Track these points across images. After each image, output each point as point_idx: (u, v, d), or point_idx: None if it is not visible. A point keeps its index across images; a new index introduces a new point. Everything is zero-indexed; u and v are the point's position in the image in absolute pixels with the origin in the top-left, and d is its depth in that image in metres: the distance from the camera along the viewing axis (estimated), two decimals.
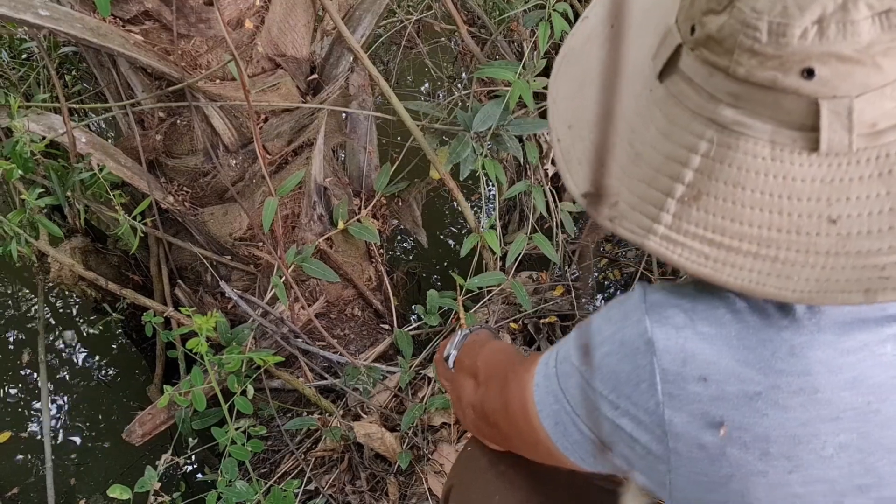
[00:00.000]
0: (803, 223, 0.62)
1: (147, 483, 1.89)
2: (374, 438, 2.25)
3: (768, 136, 0.61)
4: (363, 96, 2.69)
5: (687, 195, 0.65)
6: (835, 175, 0.61)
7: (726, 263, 0.64)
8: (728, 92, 0.62)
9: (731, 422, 0.67)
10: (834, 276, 0.62)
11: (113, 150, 2.45)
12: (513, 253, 2.39)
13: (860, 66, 0.58)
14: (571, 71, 0.80)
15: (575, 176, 0.73)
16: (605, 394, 0.74)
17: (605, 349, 0.74)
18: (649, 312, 0.71)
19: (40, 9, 2.08)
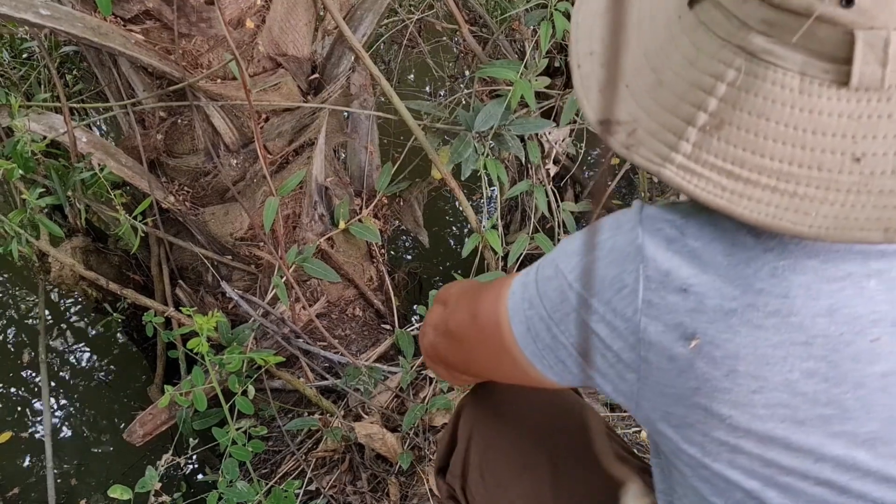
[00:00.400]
0: (826, 159, 0.61)
1: (148, 483, 1.89)
2: (375, 439, 2.24)
3: (798, 66, 0.60)
4: (364, 96, 2.69)
5: (709, 124, 0.63)
6: (863, 111, 0.59)
7: (743, 196, 0.63)
8: (761, 19, 0.60)
9: (704, 335, 0.67)
10: (853, 213, 0.60)
11: (114, 150, 2.45)
12: (514, 253, 2.38)
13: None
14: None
15: (593, 103, 0.72)
16: (586, 297, 0.73)
17: (598, 254, 0.74)
18: (643, 223, 0.71)
19: (41, 8, 2.08)
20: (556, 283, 0.77)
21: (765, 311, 0.65)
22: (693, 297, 0.67)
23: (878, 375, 0.65)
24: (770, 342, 0.65)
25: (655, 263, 0.69)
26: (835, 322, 0.64)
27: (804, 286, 0.65)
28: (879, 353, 0.64)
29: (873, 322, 0.64)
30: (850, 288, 0.64)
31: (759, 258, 0.66)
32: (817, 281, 0.65)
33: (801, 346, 0.65)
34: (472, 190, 3.43)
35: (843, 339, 0.64)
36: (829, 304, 0.64)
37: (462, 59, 3.41)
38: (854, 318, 0.64)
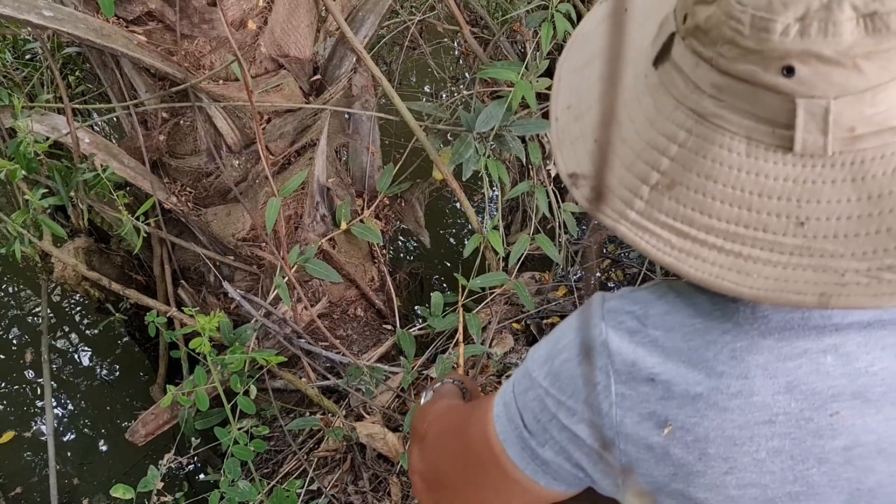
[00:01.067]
0: (771, 222, 0.62)
1: (150, 483, 1.90)
2: (376, 439, 2.25)
3: (745, 131, 0.61)
4: (366, 97, 2.70)
5: (661, 183, 0.65)
6: (807, 176, 0.61)
7: (690, 254, 0.64)
8: (711, 83, 0.62)
9: (675, 421, 0.68)
10: (793, 276, 0.62)
11: (116, 151, 2.46)
12: (515, 253, 2.39)
13: (840, 68, 0.57)
14: (580, 50, 0.81)
15: (566, 156, 0.73)
16: (563, 400, 0.74)
17: (565, 355, 0.75)
18: (605, 318, 0.73)
19: (44, 9, 2.08)
20: (533, 394, 0.77)
21: (728, 392, 0.66)
22: (661, 386, 0.68)
23: (840, 450, 0.66)
24: (736, 423, 0.66)
25: (622, 356, 0.70)
26: (795, 399, 0.65)
27: (762, 366, 0.66)
28: (839, 427, 0.65)
29: (832, 397, 0.65)
30: (807, 364, 0.66)
31: (718, 341, 0.67)
32: (774, 360, 0.66)
33: (765, 424, 0.66)
34: (474, 191, 3.44)
35: (804, 415, 0.65)
36: (788, 381, 0.66)
37: (463, 61, 3.41)
38: (813, 394, 0.65)
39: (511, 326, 2.63)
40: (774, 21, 0.57)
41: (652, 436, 0.69)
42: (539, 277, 2.87)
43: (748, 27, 0.58)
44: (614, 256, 3.24)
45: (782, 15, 0.57)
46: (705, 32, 0.61)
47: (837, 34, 0.56)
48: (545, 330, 2.65)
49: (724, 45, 0.60)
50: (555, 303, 2.71)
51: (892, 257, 0.60)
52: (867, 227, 0.60)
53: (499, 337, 2.57)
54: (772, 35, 0.57)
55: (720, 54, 0.60)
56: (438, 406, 1.07)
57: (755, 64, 0.59)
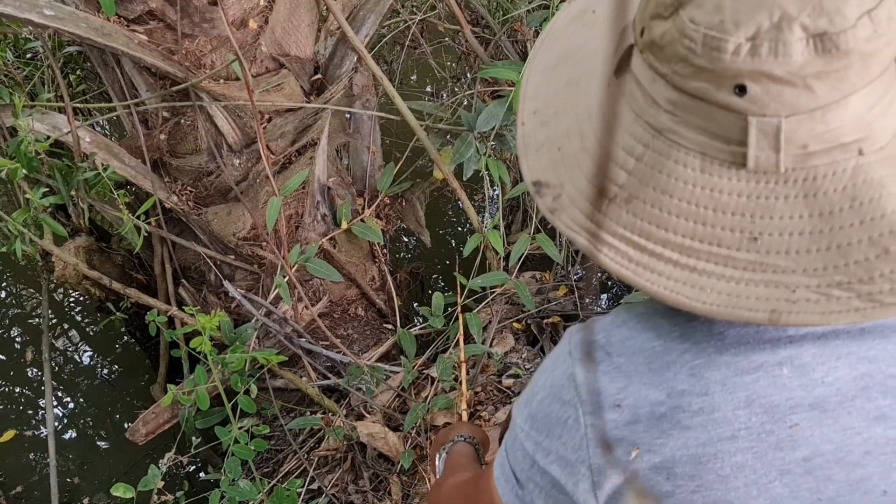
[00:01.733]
0: (725, 236, 0.63)
1: (150, 482, 1.90)
2: (376, 438, 2.25)
3: (699, 147, 0.62)
4: (367, 96, 2.70)
5: (619, 196, 0.65)
6: (761, 192, 0.61)
7: (647, 268, 0.65)
8: (667, 99, 0.62)
9: (642, 444, 0.68)
10: (745, 292, 0.62)
11: (117, 150, 2.46)
12: (516, 253, 2.39)
13: (791, 87, 0.57)
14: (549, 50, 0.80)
15: (530, 163, 0.73)
16: (540, 440, 0.75)
17: (540, 396, 0.76)
18: (572, 353, 0.73)
19: (45, 8, 2.08)
20: (517, 445, 0.78)
21: (690, 410, 0.67)
22: (627, 410, 0.69)
23: (800, 461, 0.66)
24: (699, 441, 0.67)
25: (587, 388, 0.71)
26: (754, 413, 0.66)
27: (720, 382, 0.66)
28: (798, 438, 0.66)
29: (790, 409, 0.66)
30: (764, 378, 0.66)
31: (677, 361, 0.68)
32: (732, 375, 0.66)
33: (728, 440, 0.66)
34: (474, 190, 3.44)
35: (765, 428, 0.66)
36: (747, 395, 0.66)
37: (464, 60, 3.41)
38: (772, 406, 0.66)
39: (512, 326, 2.63)
40: (726, 41, 0.57)
41: (622, 461, 0.69)
42: (540, 277, 2.87)
43: (700, 45, 0.58)
44: None
45: (734, 35, 0.57)
46: (660, 48, 0.61)
47: (787, 54, 0.57)
48: (546, 329, 2.65)
49: (677, 62, 0.60)
50: (555, 302, 2.71)
51: (841, 274, 0.61)
52: (818, 244, 0.61)
53: (499, 336, 2.57)
54: (723, 54, 0.58)
55: (674, 71, 0.61)
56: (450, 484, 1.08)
57: (708, 82, 0.59)
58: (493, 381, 2.39)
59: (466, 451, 1.27)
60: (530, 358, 2.49)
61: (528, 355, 2.51)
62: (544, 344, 2.61)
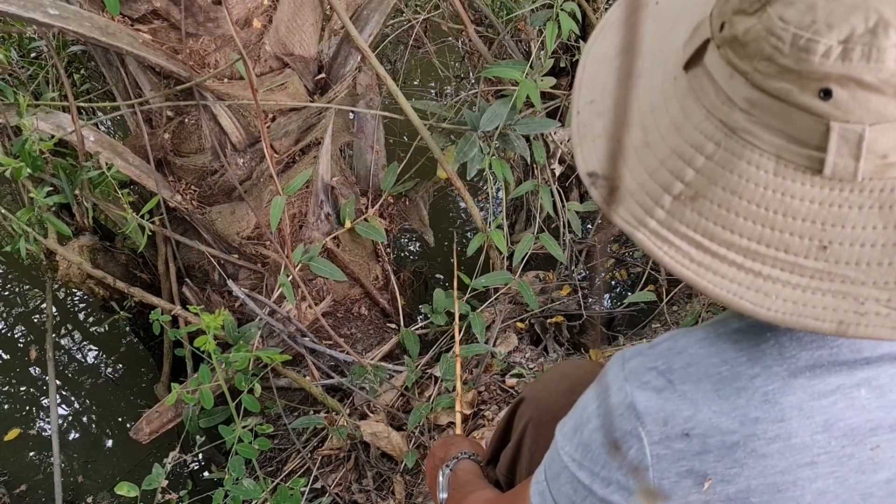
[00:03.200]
0: (794, 243, 0.61)
1: (154, 481, 1.90)
2: (380, 437, 2.25)
3: (775, 149, 0.60)
4: (370, 95, 2.70)
5: (684, 194, 0.64)
6: (835, 200, 0.60)
7: (709, 269, 0.63)
8: (744, 97, 0.60)
9: (714, 474, 0.66)
10: (812, 301, 0.61)
11: (121, 149, 2.46)
12: (519, 252, 2.39)
13: (880, 95, 0.56)
14: (608, 38, 0.78)
15: (586, 153, 0.71)
16: (597, 471, 0.72)
17: (592, 425, 0.73)
18: (628, 380, 0.71)
19: (49, 7, 2.09)
20: (565, 477, 0.76)
21: (765, 438, 0.65)
22: (696, 440, 0.67)
23: (882, 482, 0.65)
24: (777, 468, 0.65)
25: (651, 417, 0.68)
26: (833, 437, 0.64)
27: (797, 406, 0.65)
28: (880, 461, 0.65)
29: (871, 431, 0.64)
30: (842, 401, 0.65)
31: (748, 387, 0.66)
32: (808, 399, 0.65)
33: (807, 466, 0.65)
34: (478, 190, 3.44)
35: (845, 452, 0.64)
36: (825, 419, 0.64)
37: (468, 59, 3.41)
38: (851, 429, 0.64)
39: (515, 326, 2.63)
40: (817, 42, 0.56)
41: (692, 494, 0.67)
42: (543, 277, 2.87)
43: (788, 45, 0.57)
44: (619, 256, 3.24)
45: (825, 36, 0.56)
46: (743, 45, 0.60)
47: (881, 60, 0.55)
48: (549, 329, 2.65)
49: (761, 60, 0.59)
50: (559, 302, 2.71)
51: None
52: (891, 257, 0.59)
53: (503, 336, 2.57)
54: (812, 56, 0.56)
55: (756, 69, 0.59)
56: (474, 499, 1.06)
57: (792, 83, 0.58)
58: (497, 380, 2.39)
59: (472, 469, 1.25)
60: (533, 357, 2.49)
61: (532, 355, 2.51)
62: (548, 344, 2.61)
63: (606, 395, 0.72)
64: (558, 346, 2.60)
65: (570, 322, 2.70)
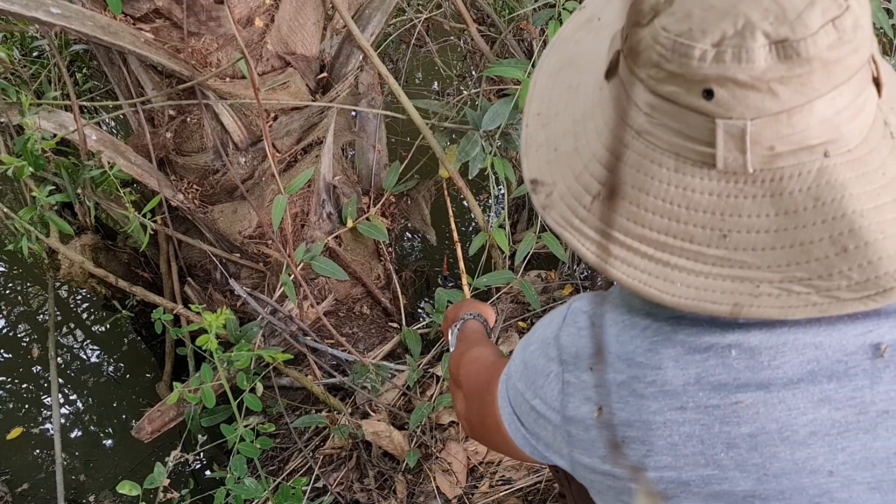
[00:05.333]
0: (697, 233, 0.66)
1: (156, 480, 1.90)
2: (382, 436, 2.25)
3: (674, 148, 0.65)
4: (372, 95, 2.70)
5: (602, 194, 0.70)
6: (730, 191, 0.65)
7: (624, 262, 0.70)
8: (646, 102, 0.65)
9: (605, 406, 0.75)
10: (712, 286, 0.67)
11: (123, 148, 2.46)
12: (521, 252, 2.39)
13: (755, 92, 0.60)
14: (556, 54, 0.85)
15: (530, 161, 0.78)
16: (528, 384, 0.83)
17: (532, 347, 0.85)
18: (565, 318, 0.81)
19: (51, 6, 2.09)
20: (512, 382, 0.87)
21: (644, 381, 0.73)
22: (596, 374, 0.76)
23: (746, 436, 0.70)
24: (651, 409, 0.72)
25: (567, 350, 0.79)
26: (702, 388, 0.71)
27: (673, 358, 0.72)
28: (743, 415, 0.70)
29: (737, 388, 0.70)
30: (713, 358, 0.71)
31: (639, 336, 0.74)
32: (684, 353, 0.72)
33: (677, 411, 0.71)
34: (480, 188, 3.44)
35: (711, 402, 0.71)
36: (697, 372, 0.71)
37: (470, 59, 3.41)
38: (720, 384, 0.70)
39: (517, 325, 2.63)
40: (693, 47, 0.61)
41: (588, 418, 0.76)
42: (545, 276, 2.87)
43: (670, 52, 0.62)
44: None
45: (700, 41, 0.60)
46: (638, 54, 0.65)
47: (751, 60, 0.59)
48: None
49: (651, 67, 0.64)
50: (560, 301, 2.71)
51: (802, 270, 0.65)
52: (782, 241, 0.65)
53: (504, 336, 2.57)
54: (691, 60, 0.61)
55: (649, 76, 0.64)
56: (471, 356, 1.19)
57: (678, 86, 0.62)
58: None
59: (477, 328, 1.39)
60: None
61: None
62: None
63: (548, 326, 0.83)
64: None
65: None
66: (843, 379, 0.69)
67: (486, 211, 3.38)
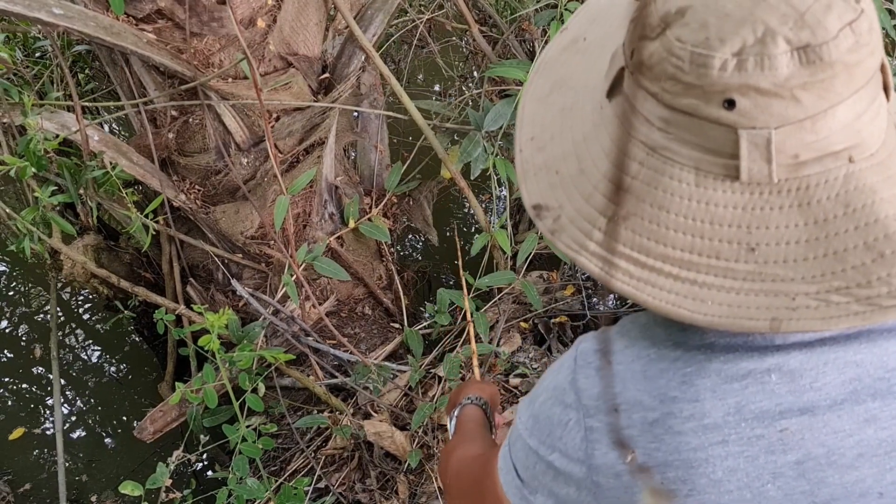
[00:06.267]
0: (723, 249, 0.64)
1: (158, 480, 1.90)
2: (384, 437, 2.25)
3: (693, 162, 0.63)
4: (374, 95, 2.70)
5: (617, 214, 0.67)
6: (756, 203, 0.63)
7: (648, 283, 0.66)
8: (659, 116, 0.63)
9: (637, 447, 0.70)
10: (746, 302, 0.64)
11: (125, 149, 2.46)
12: (523, 252, 2.39)
13: (778, 99, 0.59)
14: (543, 77, 0.83)
15: (529, 187, 0.75)
16: (543, 438, 0.77)
17: (543, 398, 0.79)
18: (577, 359, 0.76)
19: (54, 7, 2.09)
20: (520, 444, 0.81)
21: (681, 416, 0.69)
22: (623, 415, 0.71)
23: (792, 464, 0.67)
24: (690, 446, 0.68)
25: (587, 393, 0.73)
26: (744, 419, 0.67)
27: (710, 388, 0.68)
28: (789, 442, 0.67)
29: (780, 414, 0.67)
30: (753, 385, 0.67)
31: (670, 369, 0.70)
32: (721, 382, 0.68)
33: (719, 445, 0.68)
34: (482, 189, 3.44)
35: (755, 433, 0.67)
36: (736, 402, 0.67)
37: (472, 59, 3.41)
38: (761, 412, 0.67)
39: (519, 325, 2.63)
40: (712, 57, 0.59)
41: (619, 465, 0.71)
42: (547, 276, 2.87)
43: (688, 63, 0.60)
44: None
45: (719, 51, 0.59)
46: (649, 68, 0.63)
47: (773, 67, 0.58)
48: (553, 329, 2.65)
49: (666, 80, 0.62)
50: (562, 302, 2.71)
51: (839, 279, 0.62)
52: (815, 251, 0.63)
53: (506, 336, 2.57)
54: (710, 70, 0.59)
55: (664, 89, 0.62)
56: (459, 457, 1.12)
57: (697, 98, 0.60)
58: (501, 380, 2.39)
59: (475, 416, 1.32)
60: (537, 357, 2.49)
61: (536, 355, 2.51)
62: (551, 343, 2.61)
63: (559, 371, 0.78)
64: (562, 346, 2.60)
65: (573, 322, 2.70)
66: (888, 397, 0.67)
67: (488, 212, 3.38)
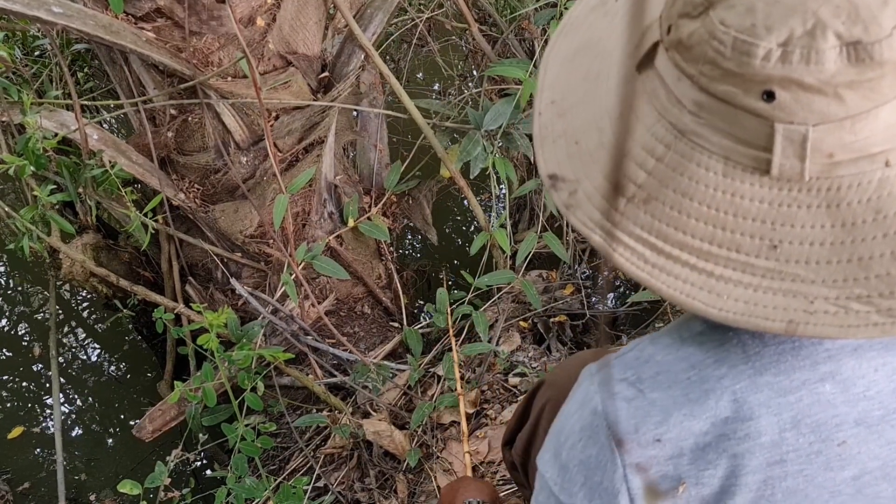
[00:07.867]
0: (745, 243, 0.61)
1: (157, 479, 1.90)
2: (383, 436, 2.25)
3: (723, 151, 0.60)
4: (374, 94, 2.70)
5: (637, 196, 0.64)
6: (783, 199, 0.60)
7: (663, 270, 0.63)
8: (692, 100, 0.61)
9: (688, 477, 0.67)
10: (763, 300, 0.61)
11: (125, 147, 2.46)
12: (523, 251, 2.39)
13: (821, 96, 0.56)
14: (568, 38, 0.78)
15: (546, 154, 0.71)
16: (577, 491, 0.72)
17: (570, 443, 0.73)
18: (600, 392, 0.71)
19: (53, 5, 2.09)
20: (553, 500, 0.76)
21: (736, 437, 0.65)
22: (669, 444, 0.67)
23: (849, 480, 0.65)
24: (748, 468, 0.65)
25: (622, 426, 0.69)
26: (801, 433, 0.64)
27: (764, 404, 0.65)
28: (847, 457, 0.65)
29: (836, 426, 0.64)
30: (808, 396, 0.65)
31: (717, 388, 0.66)
32: (775, 396, 0.65)
33: (777, 465, 0.65)
34: (481, 188, 3.43)
35: (813, 448, 0.65)
36: (792, 416, 0.65)
37: (471, 58, 3.41)
38: (818, 425, 0.64)
39: (518, 325, 2.62)
40: (756, 45, 0.56)
41: (667, 499, 0.68)
42: (546, 276, 2.87)
43: (730, 49, 0.57)
44: None
45: (765, 39, 0.56)
46: (688, 48, 0.60)
47: (820, 62, 0.55)
48: (552, 328, 2.65)
49: (705, 63, 0.59)
50: (562, 301, 2.71)
51: (861, 287, 0.59)
52: (839, 255, 0.60)
53: (506, 335, 2.57)
54: (753, 59, 0.56)
55: (701, 72, 0.59)
56: None
57: (736, 86, 0.58)
58: (500, 379, 2.39)
59: None
60: (536, 357, 2.49)
61: (535, 354, 2.50)
62: (550, 343, 2.60)
63: (581, 411, 0.72)
64: (561, 345, 2.60)
65: (573, 321, 2.69)
66: None
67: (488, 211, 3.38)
